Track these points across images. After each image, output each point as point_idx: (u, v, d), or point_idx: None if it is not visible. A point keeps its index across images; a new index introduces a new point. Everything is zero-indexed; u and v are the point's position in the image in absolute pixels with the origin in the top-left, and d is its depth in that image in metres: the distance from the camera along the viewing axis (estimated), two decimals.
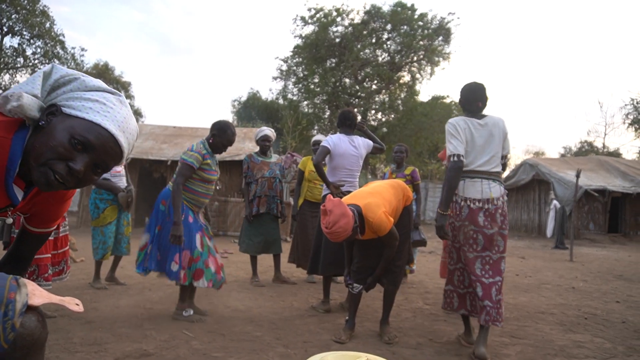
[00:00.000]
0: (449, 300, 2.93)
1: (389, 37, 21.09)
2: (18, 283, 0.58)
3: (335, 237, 2.62)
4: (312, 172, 4.72)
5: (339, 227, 2.55)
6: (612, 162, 15.89)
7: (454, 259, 2.89)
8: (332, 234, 2.59)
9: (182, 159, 3.16)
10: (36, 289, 0.61)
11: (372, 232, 2.77)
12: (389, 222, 2.73)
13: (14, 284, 0.58)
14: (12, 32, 19.98)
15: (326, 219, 2.58)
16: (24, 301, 0.57)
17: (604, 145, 27.22)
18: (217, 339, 2.80)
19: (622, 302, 4.45)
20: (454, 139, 2.79)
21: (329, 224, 2.56)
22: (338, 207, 2.58)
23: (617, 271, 6.96)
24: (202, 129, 13.25)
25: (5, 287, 0.56)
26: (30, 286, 0.61)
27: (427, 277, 5.67)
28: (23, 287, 0.59)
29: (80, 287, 4.24)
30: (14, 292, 0.57)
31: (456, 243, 2.84)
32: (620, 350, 2.88)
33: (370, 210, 2.70)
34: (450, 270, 2.93)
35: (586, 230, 13.79)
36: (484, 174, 2.80)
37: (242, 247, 4.76)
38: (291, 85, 22.57)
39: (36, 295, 0.60)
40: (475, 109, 2.93)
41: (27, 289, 0.59)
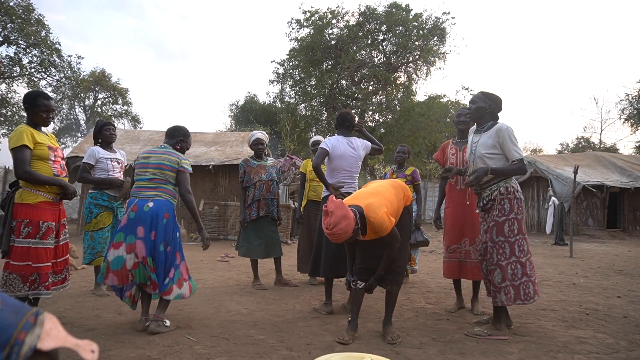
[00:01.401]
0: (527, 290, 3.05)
1: (384, 38, 21.15)
2: (35, 321, 0.54)
3: (336, 239, 2.63)
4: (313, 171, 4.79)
5: (340, 229, 2.56)
6: (609, 158, 15.94)
7: (525, 250, 3.11)
8: (332, 235, 2.60)
9: (187, 168, 3.22)
10: (53, 329, 0.56)
11: (374, 233, 2.78)
12: (390, 222, 2.74)
13: (31, 321, 0.53)
14: (7, 41, 19.97)
15: (327, 220, 2.59)
16: (32, 344, 0.52)
17: (600, 141, 27.30)
18: (220, 343, 2.80)
19: (623, 297, 4.46)
20: (516, 141, 3.15)
21: (330, 225, 2.57)
22: (339, 208, 2.59)
23: (617, 266, 6.98)
24: (201, 134, 13.25)
25: (19, 325, 0.52)
26: (48, 324, 0.56)
27: (429, 276, 5.68)
28: (37, 327, 0.54)
29: (82, 294, 4.24)
30: (25, 332, 0.52)
31: (523, 234, 3.13)
32: (622, 345, 2.89)
33: (372, 211, 2.70)
34: (523, 262, 3.08)
35: (585, 226, 13.82)
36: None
37: (242, 251, 4.76)
38: (288, 88, 22.61)
39: (50, 337, 0.55)
40: (496, 119, 3.28)
41: (42, 329, 0.54)
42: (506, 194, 3.11)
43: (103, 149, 4.29)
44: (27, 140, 2.92)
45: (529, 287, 3.05)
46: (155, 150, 3.28)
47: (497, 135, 3.12)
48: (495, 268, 3.07)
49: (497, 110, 3.28)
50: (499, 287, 3.03)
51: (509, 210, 3.09)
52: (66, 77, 22.53)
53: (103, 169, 4.21)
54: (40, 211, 2.99)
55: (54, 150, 3.10)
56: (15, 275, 2.92)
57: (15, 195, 3.00)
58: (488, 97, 3.26)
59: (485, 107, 3.24)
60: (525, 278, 3.06)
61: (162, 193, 3.13)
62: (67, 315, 3.46)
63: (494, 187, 3.15)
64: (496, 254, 3.06)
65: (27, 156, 2.92)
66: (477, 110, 3.26)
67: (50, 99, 3.11)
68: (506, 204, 3.09)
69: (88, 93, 29.16)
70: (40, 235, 2.97)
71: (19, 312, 0.54)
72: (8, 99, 21.86)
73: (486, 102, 3.24)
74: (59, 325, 0.57)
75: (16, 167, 2.92)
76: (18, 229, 2.94)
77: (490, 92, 3.30)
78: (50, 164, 3.04)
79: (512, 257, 3.04)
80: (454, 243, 3.74)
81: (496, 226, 3.09)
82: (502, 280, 3.03)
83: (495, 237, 3.08)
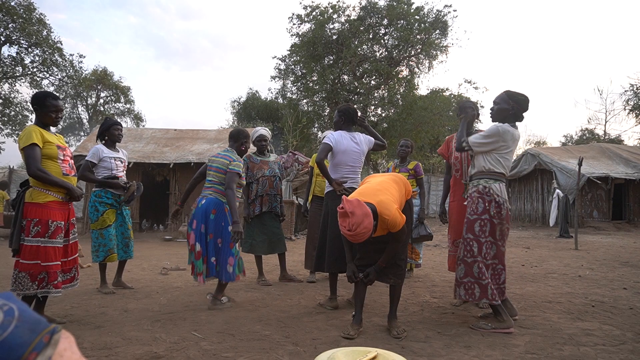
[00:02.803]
0: (471, 291, 3.04)
1: (386, 32, 21.04)
2: (50, 341, 0.51)
3: (359, 239, 2.54)
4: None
5: (364, 228, 2.49)
6: (614, 149, 15.84)
7: (491, 254, 3.06)
8: (356, 235, 2.51)
9: (235, 169, 3.65)
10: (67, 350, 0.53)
11: (384, 230, 2.77)
12: (402, 219, 2.74)
13: (45, 341, 0.50)
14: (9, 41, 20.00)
15: (348, 221, 2.50)
16: None
17: (605, 132, 27.13)
18: (226, 339, 2.81)
19: (629, 289, 4.45)
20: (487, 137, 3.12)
21: (352, 226, 2.48)
22: (359, 207, 2.50)
23: (622, 258, 6.95)
24: (203, 131, 13.26)
25: (31, 345, 0.49)
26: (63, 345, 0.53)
27: (434, 270, 5.68)
28: (50, 348, 0.50)
29: (88, 292, 4.27)
30: (37, 352, 0.48)
31: (496, 239, 3.05)
32: (629, 336, 2.88)
33: (386, 209, 2.67)
34: (487, 264, 3.05)
35: (590, 218, 13.76)
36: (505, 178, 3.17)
37: (246, 247, 4.77)
38: (290, 84, 22.57)
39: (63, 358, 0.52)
40: (520, 119, 3.21)
41: (55, 350, 0.51)
42: (482, 194, 3.08)
43: (107, 148, 4.29)
44: (37, 138, 2.96)
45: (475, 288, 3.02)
46: (218, 154, 3.83)
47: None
48: (460, 264, 3.09)
49: (521, 112, 3.18)
50: (460, 281, 3.06)
51: (482, 210, 3.05)
52: (68, 76, 22.56)
53: (107, 168, 4.22)
54: (49, 210, 3.03)
55: (62, 149, 3.14)
56: (24, 273, 2.95)
57: (26, 194, 3.04)
58: (511, 98, 3.15)
59: (508, 108, 3.15)
60: (471, 279, 3.04)
61: (213, 192, 3.67)
62: (74, 313, 3.48)
63: (474, 182, 3.16)
64: (463, 250, 3.08)
65: (38, 154, 2.96)
66: (499, 112, 3.18)
67: (58, 98, 3.16)
68: (480, 203, 3.07)
69: (90, 92, 29.22)
70: (49, 234, 3.00)
71: (35, 329, 0.51)
72: (11, 99, 21.92)
73: (509, 103, 3.14)
74: (75, 347, 0.55)
75: (28, 165, 2.94)
76: (28, 228, 2.98)
77: (515, 92, 3.17)
78: (59, 163, 3.09)
79: (479, 256, 3.02)
80: (459, 237, 3.72)
81: (467, 223, 3.10)
82: (464, 275, 3.05)
83: (465, 234, 3.09)
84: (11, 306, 0.51)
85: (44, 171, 2.97)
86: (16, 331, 0.48)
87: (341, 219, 2.56)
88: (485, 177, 3.11)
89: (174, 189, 10.98)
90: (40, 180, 2.99)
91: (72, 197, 3.15)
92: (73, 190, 3.13)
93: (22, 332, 0.48)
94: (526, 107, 3.19)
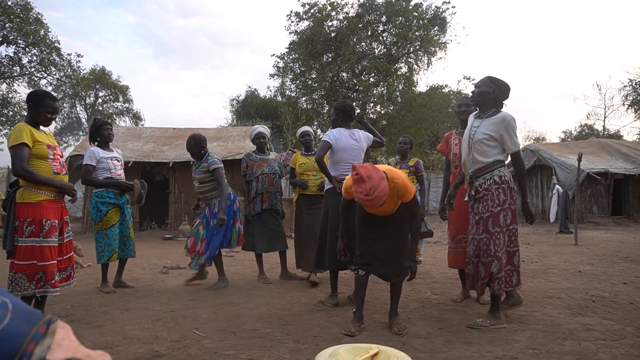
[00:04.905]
0: (509, 278, 3.10)
1: (384, 29, 21.00)
2: (47, 331, 0.52)
3: (376, 203, 2.52)
4: (302, 164, 4.71)
5: (381, 191, 2.48)
6: (614, 145, 15.84)
7: (514, 241, 3.12)
8: (374, 199, 2.49)
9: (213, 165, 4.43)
10: (65, 339, 0.55)
11: (393, 200, 2.77)
12: (412, 185, 2.78)
13: (42, 331, 0.52)
14: (6, 41, 19.95)
15: (364, 185, 2.47)
16: (41, 355, 0.50)
17: (604, 127, 27.15)
18: (227, 337, 2.81)
19: (629, 284, 4.45)
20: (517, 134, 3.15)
21: (370, 190, 2.45)
22: (374, 171, 2.50)
23: (622, 253, 6.96)
24: (203, 129, 13.24)
25: (29, 335, 0.50)
26: (60, 334, 0.54)
27: (434, 267, 5.68)
28: (48, 338, 0.52)
29: (89, 292, 4.26)
30: (35, 342, 0.50)
31: (516, 225, 3.15)
32: (629, 331, 2.89)
33: (395, 174, 2.69)
34: (512, 252, 3.12)
35: (590, 213, 13.77)
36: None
37: (246, 245, 4.76)
38: (289, 82, 22.53)
39: (61, 348, 0.53)
40: (500, 107, 3.23)
41: (53, 340, 0.52)
42: (500, 183, 3.07)
43: (101, 149, 4.27)
44: (27, 138, 2.91)
45: (513, 275, 3.11)
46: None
47: (501, 123, 3.08)
48: (492, 260, 3.02)
49: (501, 98, 3.21)
50: (495, 277, 3.01)
51: (503, 200, 3.05)
52: (66, 76, 22.52)
53: (105, 169, 4.21)
54: (42, 209, 2.99)
55: (52, 148, 3.09)
56: (20, 274, 2.93)
57: (17, 194, 2.99)
58: (493, 82, 3.19)
59: (489, 91, 3.17)
60: (511, 267, 3.11)
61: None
62: (74, 312, 3.48)
63: (487, 176, 3.11)
64: (493, 245, 3.01)
65: (25, 154, 2.91)
66: (480, 94, 3.20)
67: (57, 100, 3.13)
68: (501, 194, 3.06)
69: (89, 91, 29.17)
70: (43, 233, 2.97)
71: (31, 320, 0.52)
72: (9, 99, 21.89)
73: (491, 87, 3.18)
74: (72, 335, 0.55)
75: (14, 165, 2.90)
76: (21, 228, 2.93)
77: (497, 78, 3.22)
78: (50, 162, 3.04)
79: (504, 247, 3.06)
80: (460, 233, 3.73)
81: (492, 217, 3.04)
82: (498, 270, 3.01)
83: (492, 228, 3.03)
84: (4, 300, 0.51)
85: (30, 171, 2.91)
86: (12, 323, 0.48)
87: (356, 185, 2.53)
88: (496, 167, 3.11)
89: (173, 187, 10.96)
90: (26, 180, 2.95)
91: (64, 193, 3.12)
92: (63, 187, 3.08)
93: (18, 324, 0.48)
94: (507, 95, 3.23)
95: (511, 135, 3.07)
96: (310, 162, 4.64)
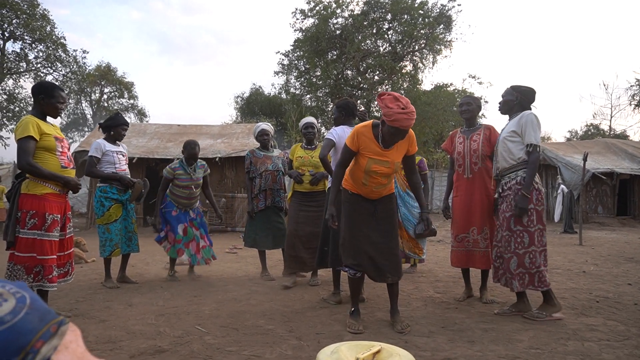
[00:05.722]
0: (542, 278, 3.15)
1: (389, 27, 20.93)
2: (57, 331, 0.52)
3: (411, 120, 2.71)
4: (299, 157, 4.41)
5: (413, 109, 2.71)
6: (620, 145, 15.73)
7: (543, 242, 3.18)
8: (410, 113, 2.69)
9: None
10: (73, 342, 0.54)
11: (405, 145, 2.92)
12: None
13: (52, 331, 0.52)
14: (13, 37, 20.06)
15: (402, 101, 2.71)
16: (46, 355, 0.50)
17: (610, 127, 26.97)
18: (230, 334, 2.82)
19: (634, 285, 4.43)
20: (538, 131, 3.21)
21: (406, 104, 2.70)
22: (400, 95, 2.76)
23: (627, 254, 6.92)
24: (207, 127, 13.27)
25: (39, 332, 0.50)
26: (69, 337, 0.54)
27: (437, 265, 5.67)
28: (57, 339, 0.52)
29: (93, 287, 4.29)
30: (44, 341, 0.50)
31: (543, 226, 3.20)
32: (633, 332, 2.87)
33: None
34: (539, 251, 3.16)
35: (595, 213, 13.70)
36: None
37: (249, 242, 4.76)
38: (293, 80, 22.54)
39: (67, 351, 0.53)
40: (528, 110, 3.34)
41: (61, 341, 0.53)
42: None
43: (108, 142, 4.29)
44: (33, 131, 2.89)
45: (543, 276, 3.15)
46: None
47: (521, 119, 3.25)
48: (512, 256, 3.17)
49: (527, 102, 3.37)
50: (514, 274, 3.15)
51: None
52: (72, 72, 22.63)
53: (110, 162, 4.22)
54: (46, 203, 2.97)
55: (60, 140, 3.08)
56: (19, 266, 2.92)
57: (22, 185, 2.99)
58: (515, 90, 3.38)
59: (512, 99, 3.38)
60: (538, 268, 3.14)
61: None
62: (78, 307, 3.50)
63: (512, 176, 3.27)
64: (514, 242, 3.17)
65: (31, 147, 2.89)
66: (505, 103, 3.43)
67: (64, 90, 3.15)
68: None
69: (94, 87, 29.28)
70: (45, 227, 2.95)
71: (44, 318, 0.52)
72: (15, 94, 22.01)
73: (513, 94, 3.38)
74: (80, 340, 0.56)
75: (19, 158, 2.89)
76: (23, 220, 2.92)
77: (519, 85, 3.40)
78: (57, 155, 3.03)
79: (531, 246, 3.13)
80: (462, 232, 3.73)
81: (514, 216, 3.18)
82: (517, 267, 3.14)
83: (514, 227, 3.18)
84: (24, 294, 0.52)
85: (34, 165, 2.90)
86: (26, 317, 0.49)
87: (394, 102, 2.71)
88: (522, 167, 3.23)
89: None
90: (29, 172, 2.95)
91: (69, 188, 3.11)
92: (68, 182, 3.07)
93: (31, 319, 0.50)
94: (532, 98, 3.39)
95: (529, 128, 3.19)
96: (307, 156, 4.41)
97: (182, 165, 4.64)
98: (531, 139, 3.18)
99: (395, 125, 2.70)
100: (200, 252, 4.70)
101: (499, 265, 3.35)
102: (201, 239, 4.75)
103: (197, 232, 4.72)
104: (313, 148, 4.49)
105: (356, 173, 2.99)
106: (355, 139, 2.91)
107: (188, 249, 4.61)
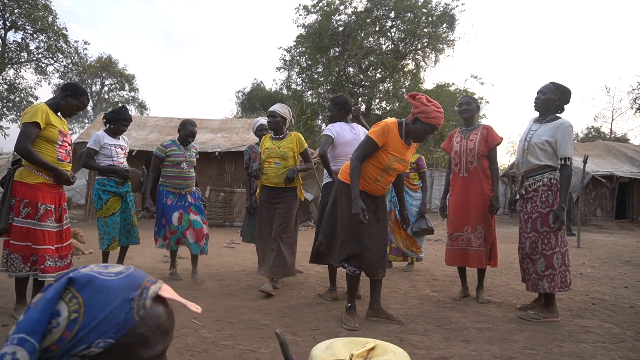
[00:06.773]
0: (567, 279, 3.21)
1: (392, 24, 20.87)
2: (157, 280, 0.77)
3: (442, 118, 2.83)
4: (265, 149, 4.02)
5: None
6: (620, 148, 15.74)
7: (565, 241, 3.24)
8: (442, 113, 2.82)
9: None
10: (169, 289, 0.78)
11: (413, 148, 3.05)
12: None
13: (152, 279, 0.77)
14: (15, 26, 19.98)
15: (432, 102, 2.85)
16: (156, 289, 0.75)
17: (611, 130, 26.94)
18: (225, 328, 2.82)
19: (630, 288, 4.44)
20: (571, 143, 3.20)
21: (438, 105, 2.85)
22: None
23: (624, 257, 6.93)
24: (207, 121, 13.25)
25: (145, 278, 0.75)
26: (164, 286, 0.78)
27: (434, 264, 5.68)
28: (158, 282, 0.77)
29: None
30: (151, 283, 0.75)
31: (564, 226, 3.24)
32: (629, 334, 2.88)
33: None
34: (563, 252, 3.21)
35: (593, 216, 13.71)
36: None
37: (247, 238, 4.74)
38: (295, 75, 22.47)
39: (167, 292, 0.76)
40: (562, 111, 3.34)
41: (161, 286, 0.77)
42: (550, 186, 3.20)
43: (108, 135, 4.25)
44: (41, 119, 2.91)
45: (566, 275, 3.19)
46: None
47: (558, 128, 3.18)
48: (539, 257, 3.18)
49: (564, 103, 3.33)
50: (542, 275, 3.16)
51: (552, 202, 3.17)
52: (73, 63, 22.55)
53: (107, 155, 4.19)
54: (39, 192, 2.97)
55: (64, 134, 3.10)
56: (16, 255, 2.93)
57: (16, 173, 2.99)
58: (558, 89, 3.30)
59: (555, 99, 3.29)
60: (564, 267, 3.19)
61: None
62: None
63: (537, 177, 3.25)
64: (541, 244, 3.19)
65: (33, 134, 2.90)
66: (546, 101, 3.31)
67: (89, 100, 3.20)
68: (550, 196, 3.19)
69: (95, 79, 29.22)
70: (38, 216, 2.95)
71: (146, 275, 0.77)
72: (16, 84, 21.95)
73: (556, 94, 3.29)
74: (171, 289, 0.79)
75: (19, 140, 2.88)
76: (17, 208, 2.92)
77: (560, 84, 3.32)
78: (56, 147, 3.03)
79: (557, 247, 3.16)
80: (457, 230, 3.73)
81: (540, 217, 3.19)
82: (545, 268, 3.15)
83: (540, 228, 3.19)
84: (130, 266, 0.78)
85: (30, 150, 2.89)
86: (135, 272, 0.76)
87: (429, 102, 2.85)
88: (547, 170, 3.22)
89: None
90: (25, 158, 2.94)
91: (60, 182, 3.10)
92: (60, 175, 3.04)
93: (139, 273, 0.76)
94: (569, 99, 3.34)
95: (565, 140, 3.15)
96: (274, 147, 3.97)
97: (175, 143, 4.42)
98: (567, 152, 3.14)
99: (432, 123, 2.81)
100: (203, 239, 4.37)
101: (526, 267, 3.31)
102: (203, 225, 4.40)
103: (197, 217, 4.37)
104: (281, 138, 4.03)
105: (370, 169, 2.98)
106: (386, 134, 2.88)
107: (186, 237, 4.29)
